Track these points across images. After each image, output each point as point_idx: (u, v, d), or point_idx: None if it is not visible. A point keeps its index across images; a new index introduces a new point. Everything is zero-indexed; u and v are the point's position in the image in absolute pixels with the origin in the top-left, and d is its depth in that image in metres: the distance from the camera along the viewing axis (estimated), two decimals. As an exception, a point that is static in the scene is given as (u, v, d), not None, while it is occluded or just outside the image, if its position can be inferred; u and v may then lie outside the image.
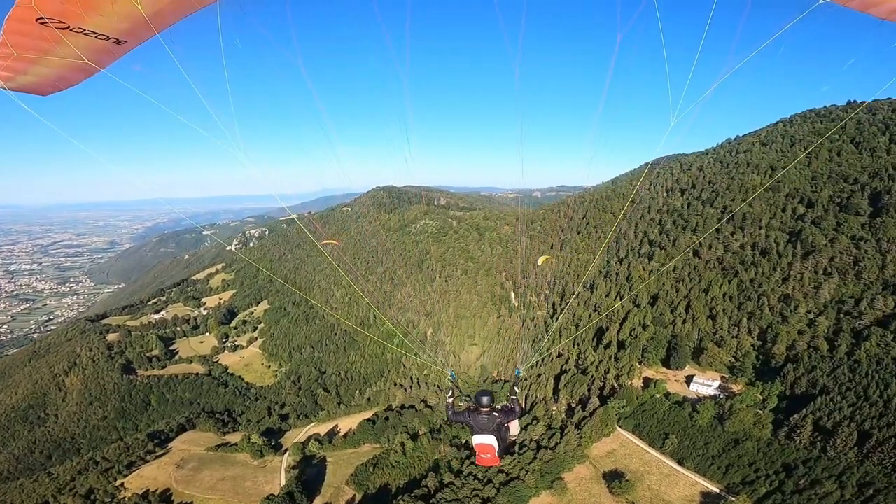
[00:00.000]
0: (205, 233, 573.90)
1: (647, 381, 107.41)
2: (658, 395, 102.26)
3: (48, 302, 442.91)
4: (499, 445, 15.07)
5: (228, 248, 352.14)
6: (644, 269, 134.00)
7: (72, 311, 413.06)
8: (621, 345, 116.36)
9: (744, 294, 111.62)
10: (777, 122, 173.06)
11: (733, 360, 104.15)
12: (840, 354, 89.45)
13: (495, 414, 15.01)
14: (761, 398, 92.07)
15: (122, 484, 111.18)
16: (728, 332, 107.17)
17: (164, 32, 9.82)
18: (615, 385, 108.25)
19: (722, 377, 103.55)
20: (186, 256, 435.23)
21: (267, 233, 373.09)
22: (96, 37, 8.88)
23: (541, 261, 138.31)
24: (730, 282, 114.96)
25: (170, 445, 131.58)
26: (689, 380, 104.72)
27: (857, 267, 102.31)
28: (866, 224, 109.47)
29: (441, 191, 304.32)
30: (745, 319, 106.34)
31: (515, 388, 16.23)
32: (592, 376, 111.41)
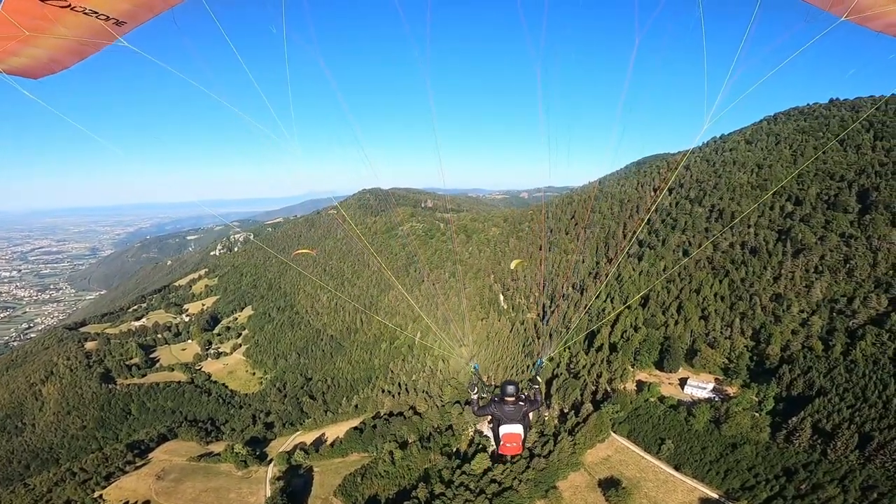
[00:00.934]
0: (188, 237, 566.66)
1: (640, 385, 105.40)
2: (652, 399, 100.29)
3: (28, 310, 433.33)
4: (524, 434, 15.28)
5: (212, 253, 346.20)
6: (634, 270, 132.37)
7: (52, 318, 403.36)
8: (613, 347, 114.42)
9: (735, 294, 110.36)
10: (762, 121, 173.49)
11: (727, 361, 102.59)
12: (836, 354, 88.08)
13: (521, 403, 15.15)
14: (757, 400, 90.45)
15: (100, 496, 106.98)
16: (721, 332, 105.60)
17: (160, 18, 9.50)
18: (608, 389, 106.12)
19: (716, 379, 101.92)
20: (169, 262, 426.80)
21: (252, 237, 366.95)
22: (97, 16, 8.47)
23: (513, 265, 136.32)
24: (721, 281, 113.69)
25: (150, 456, 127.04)
26: (683, 382, 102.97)
27: (847, 265, 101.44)
28: (855, 221, 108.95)
29: (428, 193, 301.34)
30: (737, 320, 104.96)
31: (538, 378, 16.31)
32: (585, 380, 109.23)
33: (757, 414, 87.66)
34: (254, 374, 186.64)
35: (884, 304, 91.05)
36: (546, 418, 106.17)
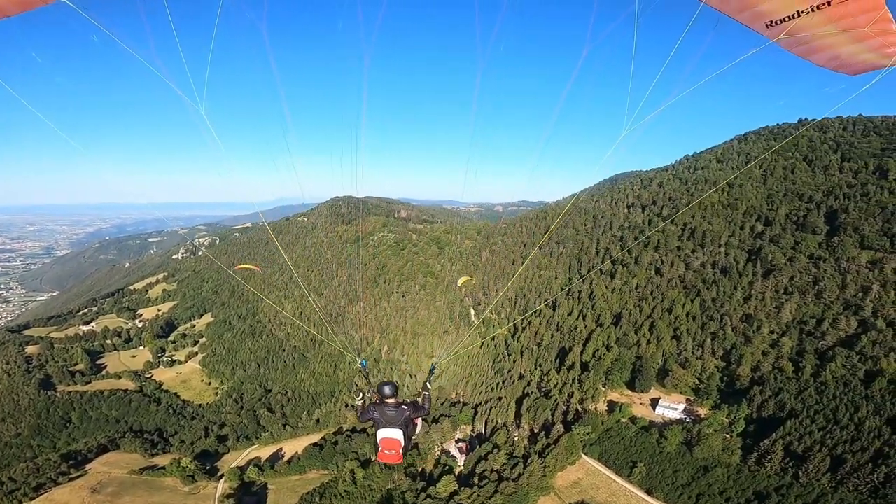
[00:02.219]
0: (150, 240, 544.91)
1: (611, 405, 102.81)
2: (624, 420, 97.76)
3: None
4: (405, 442, 14.07)
5: (174, 257, 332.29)
6: (607, 287, 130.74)
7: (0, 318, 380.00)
8: (585, 366, 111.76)
9: (706, 314, 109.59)
10: (732, 139, 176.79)
11: (698, 381, 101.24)
12: (806, 376, 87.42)
13: (404, 407, 13.94)
14: (728, 422, 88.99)
15: None
16: (692, 353, 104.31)
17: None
18: (579, 409, 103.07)
19: (687, 400, 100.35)
20: (127, 264, 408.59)
21: (217, 241, 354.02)
22: None
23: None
24: (692, 301, 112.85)
25: (87, 467, 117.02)
26: (654, 403, 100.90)
27: (816, 286, 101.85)
28: (823, 243, 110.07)
29: (402, 203, 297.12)
30: (708, 340, 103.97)
31: (428, 384, 15.24)
32: (556, 400, 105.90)
33: (728, 436, 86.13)
34: (209, 383, 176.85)
35: (853, 326, 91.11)
36: (516, 439, 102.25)
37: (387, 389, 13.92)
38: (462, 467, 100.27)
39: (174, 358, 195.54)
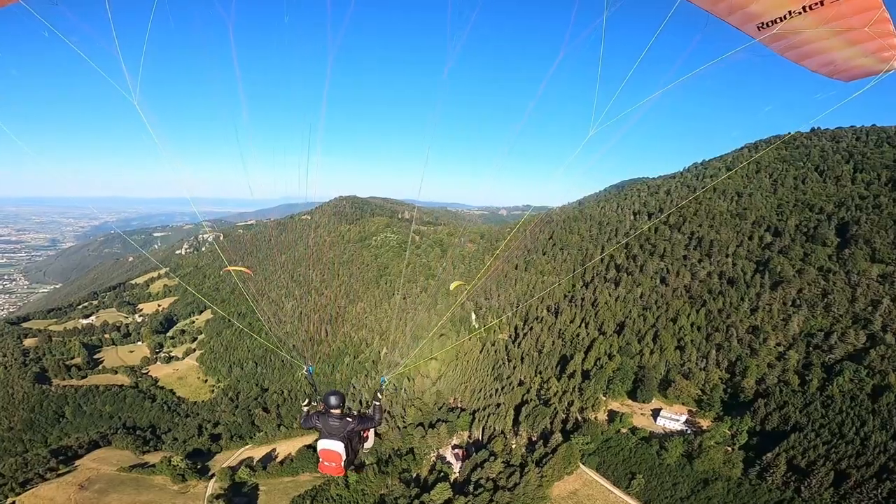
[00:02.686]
0: (155, 234, 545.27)
1: (612, 415, 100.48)
2: (624, 430, 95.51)
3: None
4: (347, 455, 13.52)
5: (178, 252, 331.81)
6: (610, 295, 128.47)
7: (2, 310, 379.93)
8: (586, 375, 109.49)
9: (712, 324, 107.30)
10: (742, 148, 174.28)
11: (701, 393, 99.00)
12: (812, 389, 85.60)
13: (348, 419, 13.42)
14: (730, 434, 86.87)
15: (12, 502, 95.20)
16: (696, 363, 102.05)
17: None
18: (579, 418, 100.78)
19: (689, 411, 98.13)
20: (131, 258, 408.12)
21: (221, 237, 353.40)
22: None
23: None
24: (697, 311, 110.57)
25: (77, 463, 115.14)
26: (655, 413, 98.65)
27: (826, 299, 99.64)
28: (834, 255, 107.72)
29: (406, 204, 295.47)
30: (713, 351, 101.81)
31: (379, 395, 14.52)
32: (555, 408, 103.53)
33: (730, 448, 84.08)
34: (205, 381, 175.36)
35: (862, 340, 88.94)
36: (514, 447, 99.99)
37: (332, 400, 13.33)
38: (458, 474, 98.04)
39: (171, 354, 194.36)
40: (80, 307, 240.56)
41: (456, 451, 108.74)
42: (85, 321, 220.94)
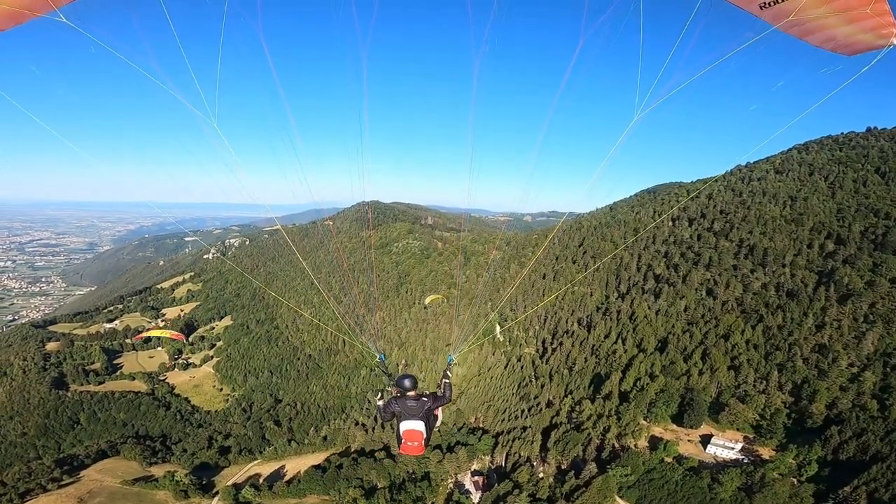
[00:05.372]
0: (186, 239, 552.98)
1: (654, 442, 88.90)
2: (668, 459, 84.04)
3: (15, 301, 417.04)
4: (427, 433, 14.24)
5: (205, 257, 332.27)
6: (650, 308, 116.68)
7: (38, 311, 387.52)
8: (624, 396, 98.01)
9: (771, 342, 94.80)
10: (791, 149, 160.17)
11: (759, 418, 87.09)
12: (895, 415, 73.16)
13: (424, 399, 14.14)
14: (796, 465, 75.51)
15: None
16: (754, 386, 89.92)
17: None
18: (616, 446, 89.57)
19: (746, 438, 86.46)
20: (161, 262, 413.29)
21: (247, 242, 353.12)
22: None
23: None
24: (753, 327, 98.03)
25: (82, 474, 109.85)
26: (705, 440, 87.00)
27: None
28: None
29: (430, 209, 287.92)
30: (774, 372, 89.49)
31: (448, 373, 15.45)
32: (589, 434, 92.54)
33: (796, 481, 72.71)
34: (221, 389, 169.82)
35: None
36: (541, 477, 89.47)
37: (406, 382, 14.12)
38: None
39: (189, 361, 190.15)
40: (105, 311, 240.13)
41: (476, 478, 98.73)
42: (109, 325, 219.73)
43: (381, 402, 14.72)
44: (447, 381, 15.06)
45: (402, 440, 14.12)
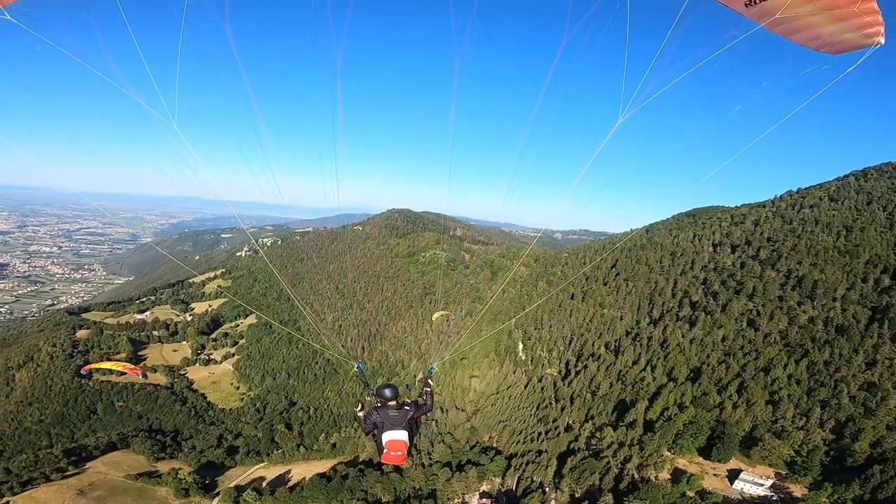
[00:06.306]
0: (223, 235, 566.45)
1: (677, 474, 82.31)
2: (690, 493, 77.58)
3: (56, 286, 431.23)
4: (410, 442, 14.07)
5: (238, 254, 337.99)
6: (684, 336, 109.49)
7: (77, 298, 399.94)
8: (649, 426, 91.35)
9: (815, 378, 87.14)
10: (848, 175, 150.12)
11: (794, 454, 79.98)
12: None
13: (406, 408, 14.01)
14: (829, 503, 69.25)
15: (6, 503, 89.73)
16: (792, 421, 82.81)
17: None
18: (636, 476, 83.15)
19: (777, 474, 79.76)
20: (197, 257, 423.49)
21: (279, 242, 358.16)
22: None
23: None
24: (797, 362, 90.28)
25: (88, 465, 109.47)
26: (733, 475, 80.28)
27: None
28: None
29: (459, 221, 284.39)
30: (816, 408, 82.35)
31: (430, 381, 15.68)
32: (608, 462, 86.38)
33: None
34: (237, 388, 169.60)
35: None
36: (554, 503, 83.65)
37: (387, 392, 13.90)
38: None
39: (211, 356, 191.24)
40: (137, 302, 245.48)
41: (484, 500, 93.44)
42: (139, 316, 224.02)
43: (361, 414, 14.56)
44: (428, 389, 15.15)
45: (385, 450, 13.90)
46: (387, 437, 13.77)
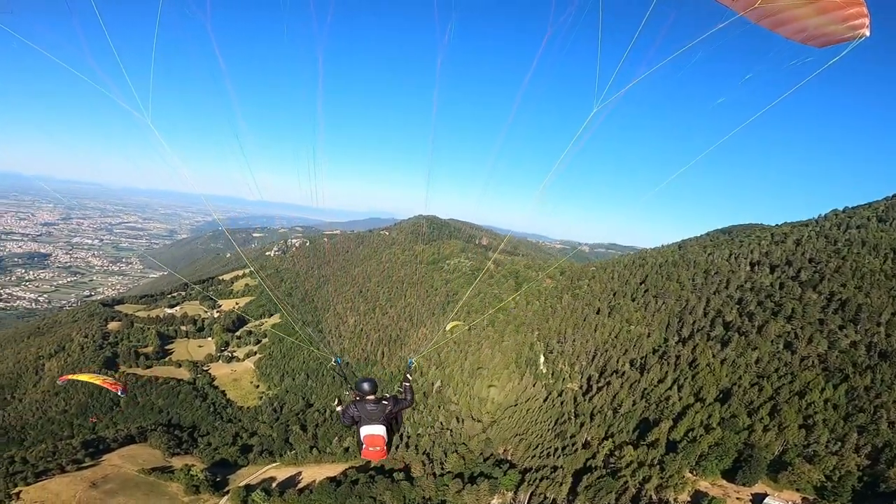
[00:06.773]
0: (254, 234, 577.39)
1: (697, 497, 77.64)
2: (711, 517, 72.61)
3: (95, 278, 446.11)
4: (388, 437, 13.86)
5: (267, 254, 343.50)
6: (715, 357, 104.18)
7: (113, 290, 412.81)
8: (672, 446, 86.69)
9: (854, 403, 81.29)
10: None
11: (825, 479, 74.47)
12: None
13: (385, 402, 13.78)
14: None
15: (18, 493, 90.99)
16: (826, 446, 77.32)
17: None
18: (654, 498, 78.80)
19: (805, 499, 74.45)
20: (229, 255, 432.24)
21: (308, 244, 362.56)
22: None
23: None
24: (836, 386, 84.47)
25: (104, 457, 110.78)
26: (757, 499, 75.34)
27: None
28: None
29: (485, 230, 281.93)
30: (853, 434, 76.68)
31: (408, 376, 15.57)
32: (626, 481, 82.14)
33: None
34: (257, 386, 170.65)
35: None
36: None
37: (365, 386, 13.82)
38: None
39: (234, 354, 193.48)
40: (168, 296, 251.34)
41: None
42: (169, 311, 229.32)
43: (339, 408, 14.59)
44: (408, 384, 15.06)
45: (364, 445, 13.75)
46: (364, 431, 13.62)
